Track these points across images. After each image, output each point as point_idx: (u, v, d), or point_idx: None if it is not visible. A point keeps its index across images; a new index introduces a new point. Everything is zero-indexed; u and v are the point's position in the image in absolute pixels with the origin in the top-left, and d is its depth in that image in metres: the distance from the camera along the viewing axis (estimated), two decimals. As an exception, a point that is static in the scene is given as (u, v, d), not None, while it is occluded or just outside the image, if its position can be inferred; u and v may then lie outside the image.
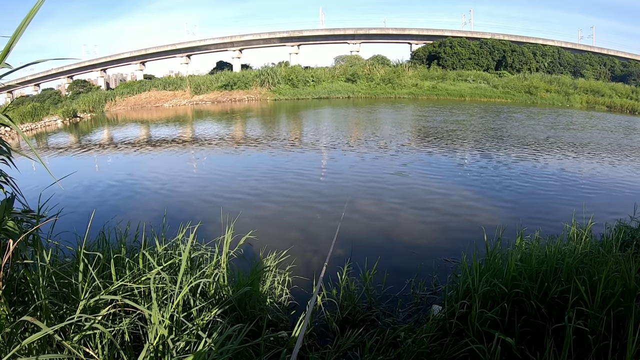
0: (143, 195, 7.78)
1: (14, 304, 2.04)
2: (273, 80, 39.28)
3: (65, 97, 43.79)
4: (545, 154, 11.55)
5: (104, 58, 55.65)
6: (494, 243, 3.40)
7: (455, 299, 2.95)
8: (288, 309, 3.52)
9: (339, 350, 2.80)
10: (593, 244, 3.73)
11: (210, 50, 55.84)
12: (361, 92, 37.78)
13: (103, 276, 2.46)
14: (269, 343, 2.69)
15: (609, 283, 2.62)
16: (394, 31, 51.57)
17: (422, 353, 2.57)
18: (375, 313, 3.34)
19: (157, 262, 2.65)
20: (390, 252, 4.89)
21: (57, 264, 2.51)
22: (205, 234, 4.13)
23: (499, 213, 6.36)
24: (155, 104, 38.07)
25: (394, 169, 9.42)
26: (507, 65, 44.77)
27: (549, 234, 4.28)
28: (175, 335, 2.10)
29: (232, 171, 9.84)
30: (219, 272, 2.97)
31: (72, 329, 2.02)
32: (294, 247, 4.78)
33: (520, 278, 2.86)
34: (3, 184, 2.13)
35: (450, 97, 35.52)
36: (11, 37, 1.76)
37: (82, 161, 12.48)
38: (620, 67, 47.25)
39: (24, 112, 27.55)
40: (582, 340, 2.38)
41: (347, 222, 5.77)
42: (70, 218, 3.23)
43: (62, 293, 2.28)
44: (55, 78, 57.30)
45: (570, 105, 32.93)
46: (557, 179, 8.65)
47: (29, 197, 2.35)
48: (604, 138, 15.33)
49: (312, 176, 8.91)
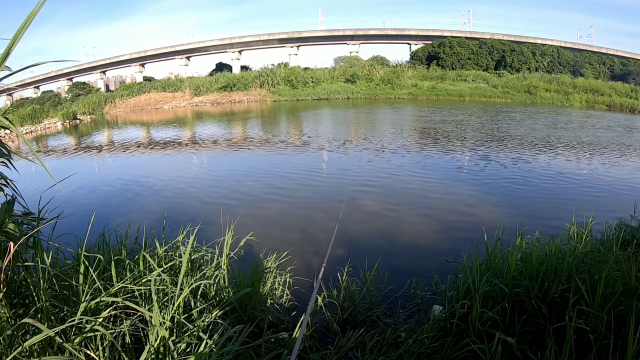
0: (143, 197, 7.78)
1: (15, 307, 2.04)
2: (272, 81, 39.25)
3: (65, 100, 43.91)
4: (545, 153, 11.54)
5: (104, 60, 55.69)
6: (495, 243, 3.39)
7: (455, 299, 2.94)
8: (289, 310, 3.52)
9: (340, 351, 2.79)
10: (593, 243, 3.72)
11: (210, 52, 55.88)
12: (361, 92, 37.75)
13: (104, 278, 2.46)
14: (270, 344, 2.69)
15: (610, 282, 2.61)
16: (393, 32, 51.61)
17: (423, 353, 2.57)
18: (376, 314, 3.34)
19: (157, 264, 2.65)
20: (391, 253, 4.89)
21: (57, 266, 2.51)
22: (206, 235, 4.12)
23: (499, 213, 6.36)
24: (155, 105, 38.10)
25: (392, 169, 9.44)
26: (506, 65, 44.80)
27: (549, 233, 4.27)
28: (176, 336, 2.10)
29: (232, 172, 9.85)
30: (219, 273, 2.97)
31: (73, 331, 2.01)
32: (295, 248, 4.77)
33: (520, 278, 2.85)
34: (3, 187, 2.13)
35: (449, 97, 35.51)
36: (11, 40, 1.76)
37: (82, 163, 12.49)
38: (619, 66, 47.27)
39: (23, 115, 27.55)
40: (583, 340, 2.38)
41: (347, 223, 5.77)
42: (71, 220, 3.23)
43: (62, 295, 2.27)
44: (55, 80, 57.34)
45: (570, 105, 32.93)
46: (557, 178, 8.65)
47: (29, 200, 2.35)
48: (603, 137, 15.33)
49: (312, 177, 8.92)
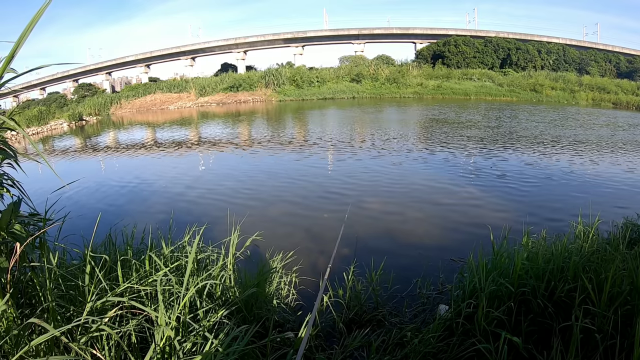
0: (150, 198, 7.82)
1: (22, 307, 2.06)
2: (278, 81, 39.25)
3: (71, 101, 44.14)
4: (551, 151, 11.45)
5: (109, 61, 56.11)
6: (500, 242, 3.38)
7: (461, 299, 2.93)
8: (295, 309, 3.52)
9: (346, 351, 2.79)
10: (600, 242, 3.69)
11: (215, 52, 56.09)
12: (366, 92, 37.65)
13: (110, 278, 2.48)
14: (276, 344, 2.69)
15: (616, 281, 2.59)
16: (398, 31, 51.53)
17: (428, 353, 2.56)
18: (381, 313, 3.32)
19: (163, 264, 2.67)
20: (397, 252, 4.87)
21: (64, 267, 2.53)
22: (212, 235, 4.14)
23: (505, 211, 6.32)
24: (161, 106, 38.26)
25: (398, 168, 9.42)
26: (512, 64, 44.59)
27: (555, 232, 4.24)
28: (181, 336, 2.11)
29: (238, 172, 9.87)
30: (225, 273, 2.98)
31: (79, 331, 2.03)
32: (301, 248, 4.77)
33: (526, 277, 2.83)
34: (10, 188, 2.15)
35: (455, 96, 35.33)
36: (15, 42, 1.77)
37: (89, 164, 12.58)
38: (625, 64, 46.86)
39: (30, 116, 27.75)
40: (589, 339, 2.36)
41: (353, 222, 5.76)
42: (78, 221, 3.26)
43: (69, 295, 2.29)
44: (61, 82, 57.83)
45: (576, 103, 32.66)
46: (563, 176, 8.58)
47: (36, 201, 2.37)
48: (610, 135, 15.18)
49: (318, 176, 8.91)
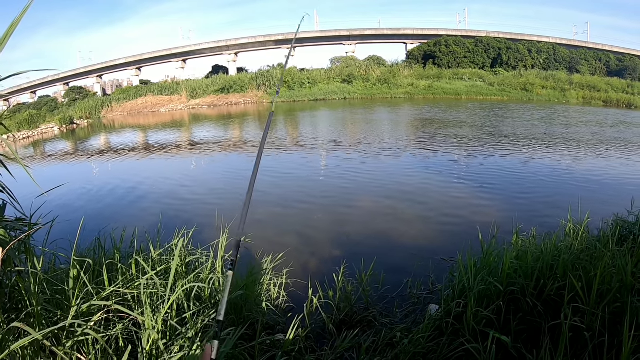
0: (140, 201, 7.76)
1: (8, 311, 2.03)
2: (269, 83, 39.19)
3: (62, 104, 43.68)
4: (541, 150, 11.56)
5: (100, 64, 55.56)
6: (490, 241, 3.39)
7: (451, 298, 2.94)
8: (285, 311, 3.50)
9: (336, 352, 2.78)
10: (590, 240, 3.72)
11: (206, 55, 55.80)
12: (357, 92, 37.67)
13: (97, 282, 2.45)
14: (265, 346, 2.68)
15: (606, 279, 2.60)
16: (389, 31, 51.63)
17: (418, 353, 2.56)
18: (372, 314, 3.32)
19: (151, 268, 2.65)
20: (387, 252, 4.86)
21: (52, 271, 2.50)
22: (202, 237, 4.10)
23: (495, 210, 6.36)
24: (152, 109, 38.00)
25: (388, 168, 9.44)
26: (502, 63, 44.85)
27: (545, 230, 4.27)
28: (169, 339, 2.09)
29: (227, 174, 9.84)
30: (214, 275, 2.96)
31: (65, 335, 2.01)
32: (291, 250, 4.74)
33: (515, 276, 2.85)
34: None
35: (446, 95, 35.48)
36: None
37: (79, 168, 12.46)
38: (615, 62, 47.33)
39: (20, 120, 27.40)
40: (579, 338, 2.37)
41: (343, 223, 5.76)
42: (67, 225, 3.22)
43: (55, 300, 2.27)
44: (52, 85, 57.15)
45: (567, 101, 32.97)
46: (553, 174, 8.65)
47: (25, 205, 2.34)
48: (599, 132, 15.35)
49: (308, 178, 8.91)
